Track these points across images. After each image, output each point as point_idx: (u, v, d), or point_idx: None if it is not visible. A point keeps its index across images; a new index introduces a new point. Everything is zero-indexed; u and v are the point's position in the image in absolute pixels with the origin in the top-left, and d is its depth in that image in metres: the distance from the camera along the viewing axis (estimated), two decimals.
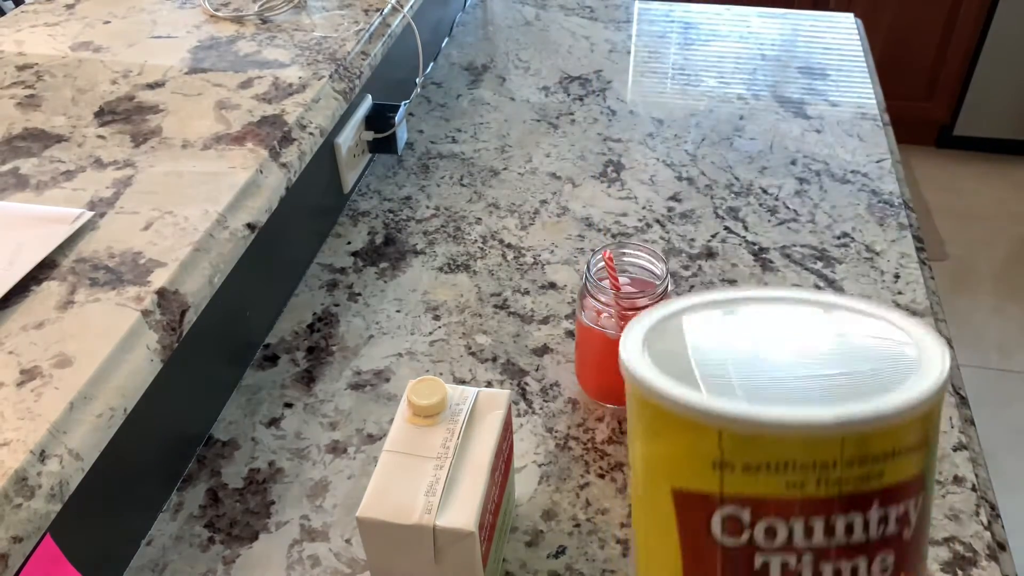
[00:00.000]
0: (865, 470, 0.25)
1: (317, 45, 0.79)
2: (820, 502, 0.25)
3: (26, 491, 0.40)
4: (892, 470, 0.25)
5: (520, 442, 0.60)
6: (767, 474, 0.25)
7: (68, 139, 0.66)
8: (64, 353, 0.47)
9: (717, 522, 0.26)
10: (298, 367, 0.67)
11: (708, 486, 0.26)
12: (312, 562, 0.53)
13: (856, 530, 0.25)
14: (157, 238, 0.55)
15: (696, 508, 0.26)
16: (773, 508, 0.25)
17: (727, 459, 0.25)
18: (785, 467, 0.25)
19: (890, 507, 0.26)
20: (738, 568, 0.26)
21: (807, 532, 0.25)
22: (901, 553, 0.26)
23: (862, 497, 0.25)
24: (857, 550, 0.26)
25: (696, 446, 0.26)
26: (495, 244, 0.79)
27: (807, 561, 0.26)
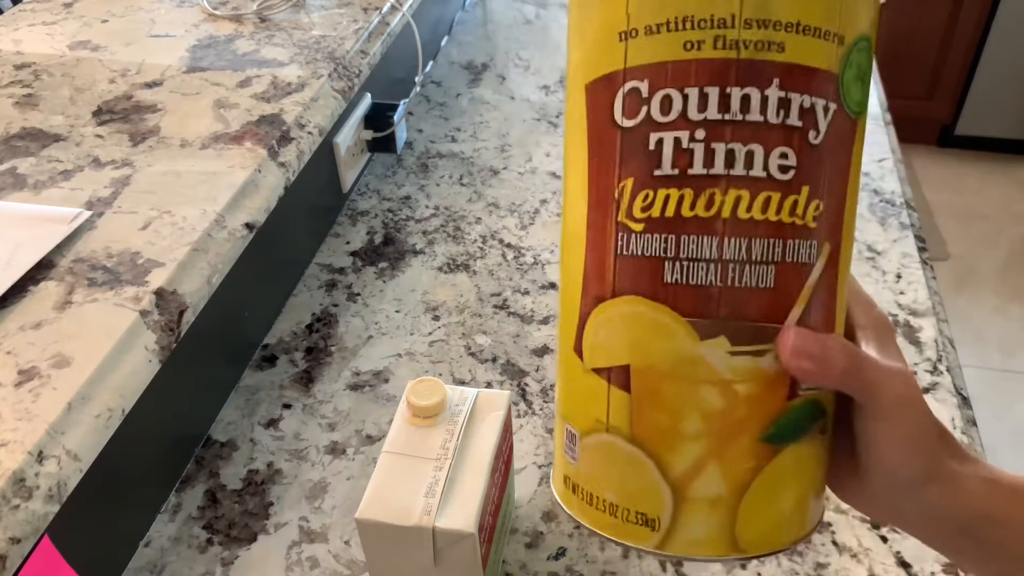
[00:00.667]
0: (765, 35, 0.24)
1: (316, 44, 0.79)
2: (717, 65, 0.25)
3: (24, 492, 0.40)
4: (796, 47, 0.25)
5: (520, 443, 0.60)
6: (667, 36, 0.25)
7: (66, 138, 0.65)
8: (62, 353, 0.46)
9: (619, 103, 0.26)
10: (297, 368, 0.67)
11: (614, 64, 0.26)
12: (311, 563, 0.53)
13: (752, 107, 0.25)
14: (155, 238, 0.55)
15: (602, 93, 0.27)
16: (670, 75, 0.25)
17: (632, 25, 0.25)
18: (684, 23, 0.25)
19: (792, 92, 0.25)
20: (634, 150, 0.26)
21: (701, 102, 0.25)
22: (806, 160, 0.26)
23: (760, 66, 0.25)
24: (753, 133, 0.25)
25: (607, 19, 0.26)
26: (495, 244, 0.79)
27: (699, 137, 0.25)
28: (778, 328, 0.27)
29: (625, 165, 0.27)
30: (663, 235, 0.26)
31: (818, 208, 0.27)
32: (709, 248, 0.26)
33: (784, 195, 0.26)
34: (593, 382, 0.29)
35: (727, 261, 0.26)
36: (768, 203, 0.26)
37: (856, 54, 0.26)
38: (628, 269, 0.27)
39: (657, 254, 0.27)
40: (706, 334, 0.27)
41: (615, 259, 0.27)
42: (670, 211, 0.26)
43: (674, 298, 0.27)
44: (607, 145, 0.27)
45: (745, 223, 0.26)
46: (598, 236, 0.28)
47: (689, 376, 0.27)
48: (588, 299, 0.29)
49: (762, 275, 0.26)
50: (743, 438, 0.28)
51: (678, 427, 0.28)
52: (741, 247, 0.26)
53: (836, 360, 0.27)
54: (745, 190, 0.26)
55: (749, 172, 0.25)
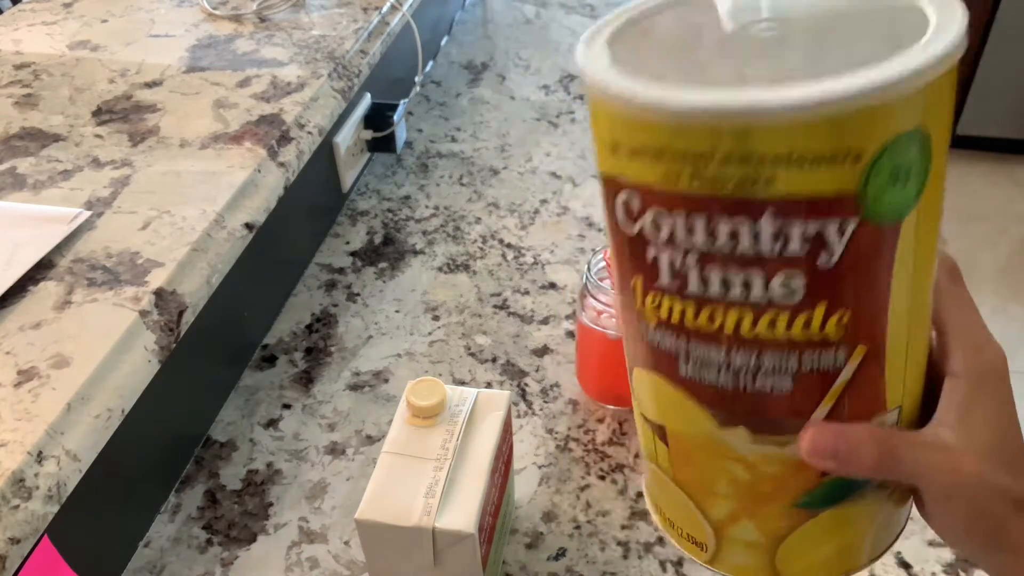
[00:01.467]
0: (746, 171, 0.22)
1: (315, 44, 0.79)
2: (699, 199, 0.23)
3: (23, 492, 0.40)
4: (790, 179, 0.22)
5: (520, 443, 0.60)
6: (648, 160, 0.23)
7: (66, 138, 0.65)
8: (61, 354, 0.46)
9: (620, 208, 0.25)
10: (296, 368, 0.67)
11: (612, 169, 0.25)
12: (311, 564, 0.52)
13: (742, 240, 0.23)
14: (155, 238, 0.55)
15: (609, 191, 0.26)
16: (658, 197, 0.24)
17: (617, 140, 0.24)
18: (661, 155, 0.23)
19: (792, 222, 0.22)
20: (636, 258, 0.26)
21: (688, 230, 0.24)
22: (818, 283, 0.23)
23: (747, 203, 0.22)
24: (747, 263, 0.23)
25: (602, 127, 0.25)
26: (495, 244, 0.79)
27: (691, 263, 0.24)
28: (803, 422, 0.26)
29: (632, 266, 0.26)
30: (674, 335, 0.26)
31: (843, 318, 0.24)
32: (717, 356, 0.25)
33: (793, 314, 0.24)
34: (644, 423, 0.31)
35: (738, 368, 0.25)
36: (775, 322, 0.24)
37: (890, 157, 0.22)
38: (652, 353, 0.27)
39: (671, 350, 0.26)
40: (725, 423, 0.27)
41: (641, 339, 0.28)
42: (675, 318, 0.25)
43: (692, 389, 0.27)
44: (619, 241, 0.26)
45: (750, 340, 0.24)
46: (627, 315, 0.28)
47: (715, 451, 0.28)
48: (628, 358, 0.30)
49: (777, 383, 0.25)
50: (774, 505, 0.28)
51: (711, 486, 0.29)
52: (750, 358, 0.25)
53: (864, 456, 0.26)
54: (748, 311, 0.24)
55: (748, 298, 0.24)
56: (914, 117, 0.22)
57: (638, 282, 0.26)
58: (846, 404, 0.26)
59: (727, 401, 0.26)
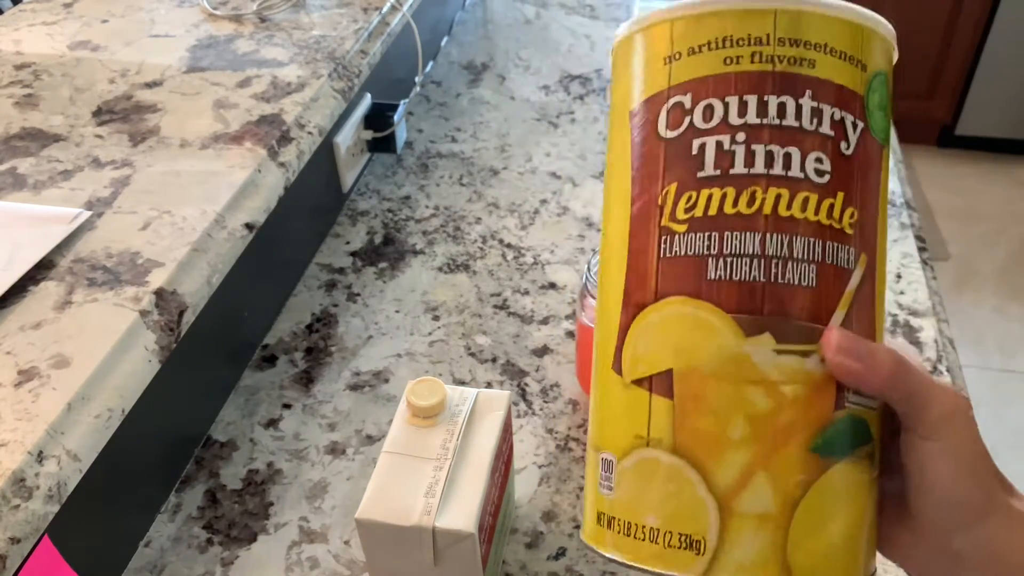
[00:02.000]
0: (797, 52, 0.28)
1: (316, 44, 0.79)
2: (755, 76, 0.28)
3: (24, 492, 0.40)
4: (825, 65, 0.28)
5: (520, 443, 0.60)
6: (708, 54, 0.28)
7: (66, 138, 0.65)
8: (62, 354, 0.46)
9: (663, 117, 0.29)
10: (297, 368, 0.67)
11: (658, 85, 0.29)
12: (311, 564, 0.53)
13: (788, 113, 0.28)
14: (155, 238, 0.55)
15: (648, 113, 0.30)
16: (711, 87, 0.28)
17: (676, 49, 0.29)
18: (723, 43, 0.28)
19: (824, 103, 0.28)
20: (678, 156, 0.29)
21: (741, 109, 0.28)
22: (839, 168, 0.28)
23: (794, 79, 0.28)
24: (789, 136, 0.28)
25: (652, 51, 0.29)
26: (495, 244, 0.79)
27: (740, 140, 0.28)
28: (822, 330, 0.27)
29: (669, 172, 0.29)
30: (706, 233, 0.28)
31: (853, 216, 0.28)
32: (752, 244, 0.27)
33: (821, 197, 0.28)
34: (633, 395, 0.30)
35: (769, 257, 0.27)
36: (807, 203, 0.28)
37: (877, 83, 0.29)
38: (671, 270, 0.28)
39: (701, 252, 0.28)
40: (751, 331, 0.27)
41: (658, 263, 0.29)
42: (713, 210, 0.28)
43: (718, 294, 0.28)
44: (652, 158, 0.29)
45: (786, 220, 0.27)
46: (641, 244, 0.29)
47: (734, 376, 0.28)
48: (629, 309, 0.30)
49: (804, 272, 0.27)
50: (791, 446, 0.27)
51: (723, 432, 0.28)
52: (783, 243, 0.27)
53: (882, 363, 0.26)
54: (785, 188, 0.27)
55: (788, 172, 0.27)
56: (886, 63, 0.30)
57: (672, 188, 0.29)
58: (854, 320, 0.28)
59: (755, 299, 0.27)
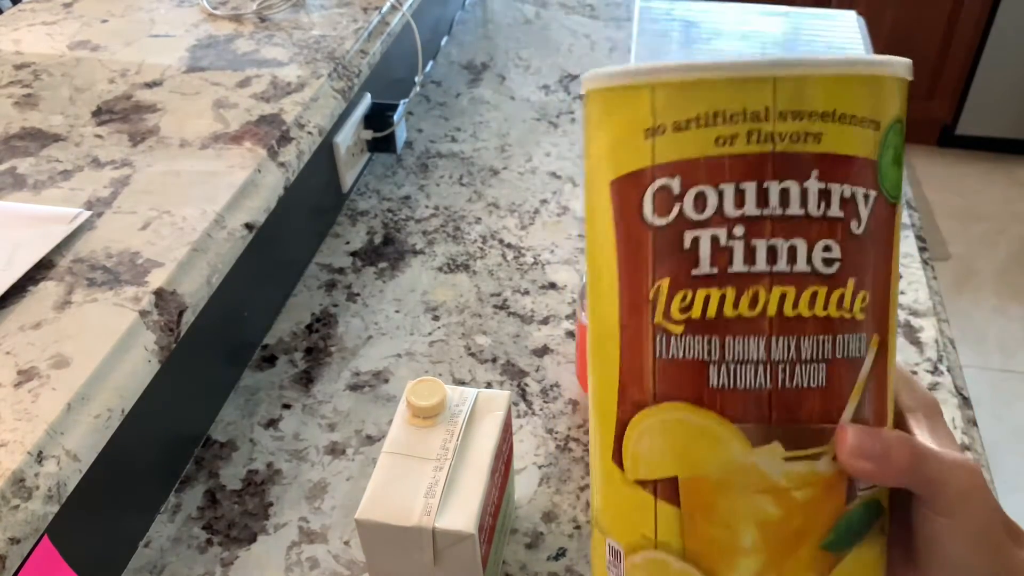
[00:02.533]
0: (801, 127, 0.24)
1: (315, 44, 0.79)
2: (752, 160, 0.24)
3: (23, 492, 0.40)
4: (833, 136, 0.24)
5: (520, 443, 0.60)
6: (697, 131, 0.24)
7: (66, 138, 0.65)
8: (61, 354, 0.46)
9: (648, 201, 0.25)
10: (296, 368, 0.67)
11: (641, 161, 0.25)
12: (311, 564, 0.52)
13: (792, 200, 0.24)
14: (155, 238, 0.55)
15: (630, 191, 0.26)
16: (703, 172, 0.24)
17: (658, 121, 0.25)
18: (715, 119, 0.24)
19: (832, 183, 0.24)
20: (668, 249, 0.25)
21: (738, 199, 0.24)
22: (850, 252, 0.25)
23: (798, 159, 0.24)
24: (794, 227, 0.24)
25: (631, 117, 0.25)
26: (495, 244, 0.79)
27: (738, 234, 0.24)
28: (833, 428, 0.26)
29: (659, 265, 0.25)
30: (706, 337, 0.25)
31: (865, 300, 0.26)
32: (756, 349, 0.25)
33: (831, 289, 0.25)
34: (637, 495, 0.27)
35: (776, 362, 0.25)
36: (815, 299, 0.25)
37: (892, 138, 0.26)
38: (670, 374, 0.26)
39: (700, 357, 0.25)
40: (758, 440, 0.25)
41: (654, 363, 0.26)
42: (711, 312, 0.25)
43: (722, 403, 0.25)
44: (638, 245, 0.26)
45: (792, 321, 0.25)
46: (634, 339, 0.26)
47: (743, 486, 0.26)
48: (626, 406, 0.27)
49: (814, 374, 0.25)
50: (802, 548, 0.26)
51: (734, 541, 0.26)
52: (790, 346, 0.25)
53: (898, 458, 0.26)
54: (791, 286, 0.25)
55: (793, 268, 0.25)
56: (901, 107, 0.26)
57: (664, 284, 0.25)
58: (866, 406, 0.26)
59: (762, 408, 0.25)
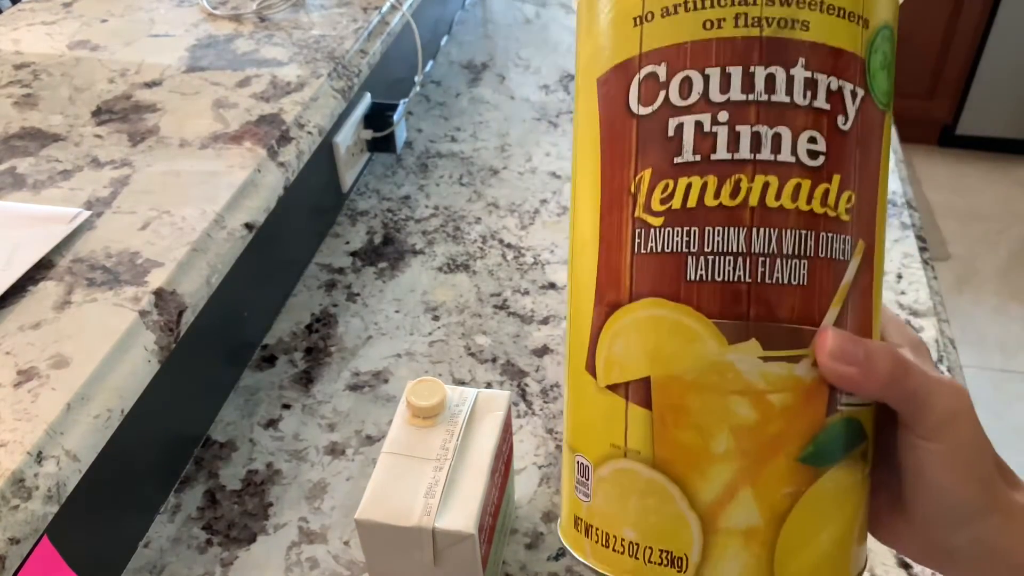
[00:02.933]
0: (788, 12, 0.23)
1: (315, 43, 0.79)
2: (739, 44, 0.23)
3: (23, 492, 0.40)
4: (821, 25, 0.23)
5: (520, 443, 0.60)
6: (685, 15, 0.24)
7: (65, 138, 0.65)
8: (61, 354, 0.46)
9: (634, 90, 0.25)
10: (296, 368, 0.67)
11: (628, 51, 0.25)
12: (310, 564, 0.52)
13: (778, 86, 0.23)
14: (154, 238, 0.55)
15: (616, 82, 0.25)
16: (689, 56, 0.24)
17: (647, 8, 0.24)
18: (703, 2, 0.23)
19: (819, 73, 0.24)
20: (652, 138, 0.24)
21: (724, 83, 0.23)
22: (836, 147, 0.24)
23: (785, 45, 0.23)
24: (779, 114, 0.23)
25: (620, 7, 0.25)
26: (495, 244, 0.79)
27: (722, 120, 0.24)
28: (814, 331, 0.25)
29: (642, 155, 0.25)
30: (685, 228, 0.24)
31: (850, 200, 0.25)
32: (736, 240, 0.24)
33: (815, 183, 0.24)
34: (608, 402, 0.27)
35: (756, 254, 0.24)
36: (798, 191, 0.24)
37: (881, 41, 0.25)
38: (647, 268, 0.25)
39: (679, 250, 0.24)
40: (735, 337, 0.24)
41: (632, 259, 0.25)
42: (692, 201, 0.24)
43: (698, 298, 0.24)
44: (622, 137, 0.25)
45: (774, 212, 0.24)
46: (613, 236, 0.26)
47: (717, 386, 0.25)
48: (602, 308, 0.26)
49: (794, 270, 0.24)
50: (778, 458, 0.25)
51: (706, 445, 0.25)
52: (771, 238, 0.24)
53: (881, 365, 0.24)
54: (773, 176, 0.24)
55: (777, 157, 0.24)
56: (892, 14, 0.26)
57: (646, 174, 0.25)
58: (849, 315, 0.25)
59: (740, 302, 0.24)
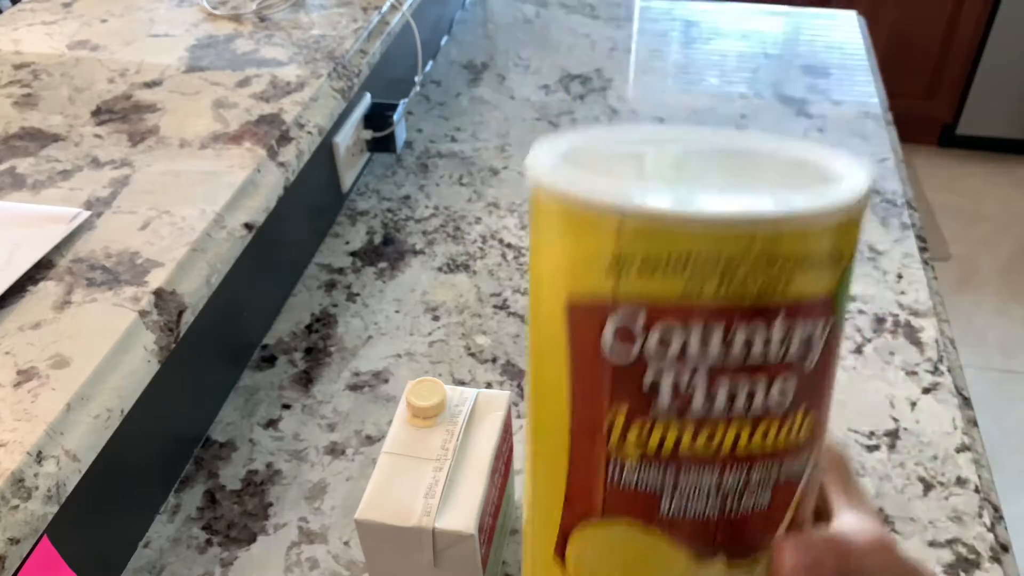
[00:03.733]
0: (771, 274, 0.23)
1: (315, 43, 0.79)
2: (721, 308, 0.23)
3: (23, 492, 0.40)
4: (803, 279, 0.23)
5: (520, 443, 0.60)
6: (665, 273, 0.22)
7: (65, 138, 0.65)
8: (61, 354, 0.46)
9: (609, 333, 0.23)
10: (296, 368, 0.67)
11: (601, 289, 0.23)
12: (310, 564, 0.52)
13: (756, 346, 0.23)
14: (154, 238, 0.55)
15: (588, 320, 0.24)
16: (672, 312, 0.23)
17: (626, 252, 0.22)
18: (687, 263, 0.22)
19: (796, 325, 0.23)
20: (627, 388, 0.24)
21: (703, 343, 0.23)
22: (802, 386, 0.25)
23: (764, 309, 0.23)
24: (754, 373, 0.24)
25: (594, 239, 0.23)
26: (495, 244, 0.79)
27: (700, 377, 0.23)
28: (771, 537, 0.27)
29: (617, 399, 0.24)
30: (661, 468, 0.25)
31: (810, 419, 0.25)
32: (709, 480, 0.25)
33: (782, 423, 0.25)
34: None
35: (726, 492, 0.25)
36: (767, 433, 0.25)
37: (850, 269, 0.25)
38: (621, 498, 0.25)
39: (653, 488, 0.25)
40: (704, 555, 0.26)
41: (605, 487, 0.25)
42: (667, 448, 0.24)
43: (671, 528, 0.25)
44: (594, 377, 0.24)
45: (744, 456, 0.25)
46: (584, 462, 0.26)
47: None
48: (571, 514, 0.27)
49: (759, 498, 0.25)
50: None
51: None
52: (740, 477, 0.25)
53: (827, 562, 0.28)
54: (747, 426, 0.24)
55: (749, 410, 0.24)
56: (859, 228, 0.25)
57: (619, 418, 0.24)
58: (797, 512, 0.27)
59: (709, 531, 0.26)
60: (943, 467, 0.58)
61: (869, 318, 0.70)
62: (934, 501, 0.55)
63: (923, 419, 0.61)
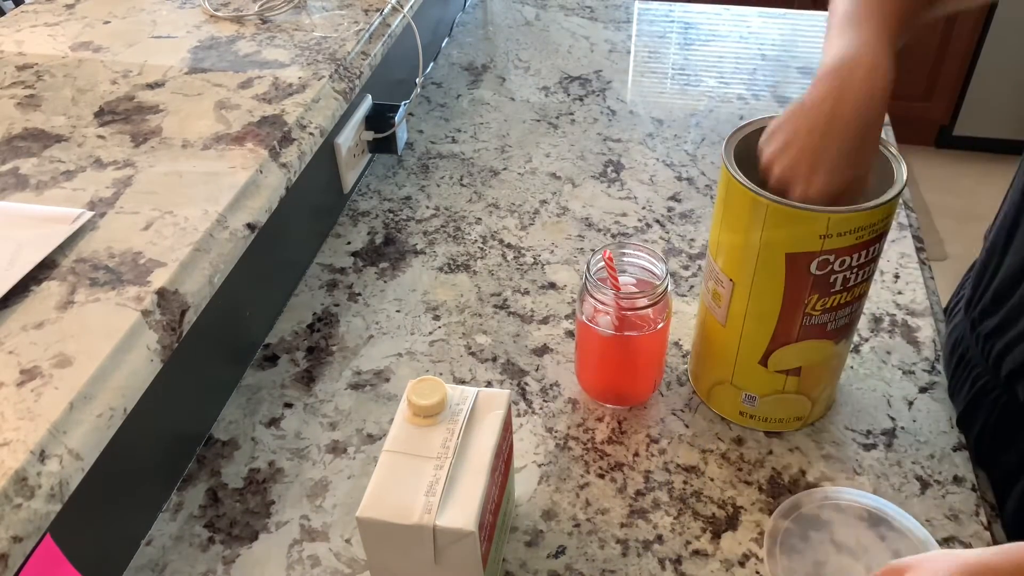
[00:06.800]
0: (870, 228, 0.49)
1: (317, 45, 0.80)
2: (862, 242, 0.49)
3: (26, 491, 0.40)
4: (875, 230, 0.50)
5: (520, 442, 0.60)
6: (848, 235, 0.48)
7: (68, 139, 0.66)
8: (64, 353, 0.47)
9: (815, 265, 0.50)
10: (298, 367, 0.67)
11: (813, 247, 0.49)
12: (312, 562, 0.53)
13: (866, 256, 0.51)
14: (157, 238, 0.55)
15: (801, 260, 0.50)
16: (847, 249, 0.49)
17: (830, 231, 0.48)
18: (855, 229, 0.48)
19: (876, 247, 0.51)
20: (820, 283, 0.51)
21: (853, 257, 0.50)
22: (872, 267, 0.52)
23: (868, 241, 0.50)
24: (868, 262, 0.51)
25: (810, 228, 0.48)
26: (495, 244, 0.79)
27: (850, 272, 0.51)
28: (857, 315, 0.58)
29: (813, 290, 0.51)
30: (827, 314, 0.53)
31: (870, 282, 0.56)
32: (848, 311, 0.54)
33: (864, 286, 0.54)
34: (775, 376, 0.57)
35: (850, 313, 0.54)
36: (861, 293, 0.54)
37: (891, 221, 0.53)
38: (809, 329, 0.54)
39: (823, 322, 0.54)
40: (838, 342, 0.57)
41: (801, 326, 0.53)
42: (831, 304, 0.52)
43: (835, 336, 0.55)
44: (801, 282, 0.51)
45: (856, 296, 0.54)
46: (790, 317, 0.53)
47: None
48: (775, 342, 0.55)
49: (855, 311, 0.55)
50: None
51: None
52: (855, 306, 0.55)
53: None
54: (858, 287, 0.53)
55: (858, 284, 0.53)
56: None
57: (814, 296, 0.51)
58: None
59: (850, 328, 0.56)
60: (940, 466, 0.58)
61: (866, 318, 0.70)
62: (931, 499, 0.56)
63: (920, 418, 0.62)
